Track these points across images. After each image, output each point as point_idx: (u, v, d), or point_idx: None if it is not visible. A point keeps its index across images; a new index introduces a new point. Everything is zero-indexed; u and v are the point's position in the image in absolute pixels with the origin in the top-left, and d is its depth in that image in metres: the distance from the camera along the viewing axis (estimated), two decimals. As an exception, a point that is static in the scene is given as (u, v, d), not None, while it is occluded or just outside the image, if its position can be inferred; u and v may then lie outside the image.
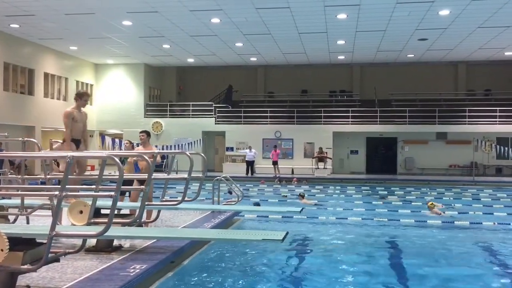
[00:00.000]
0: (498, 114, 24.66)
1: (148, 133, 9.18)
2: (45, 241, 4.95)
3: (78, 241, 5.94)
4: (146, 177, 8.26)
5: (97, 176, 5.98)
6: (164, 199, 8.30)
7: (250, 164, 24.19)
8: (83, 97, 8.33)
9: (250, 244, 8.36)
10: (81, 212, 6.11)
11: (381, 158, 27.09)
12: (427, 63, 26.86)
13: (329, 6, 15.93)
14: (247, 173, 23.87)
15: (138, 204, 7.21)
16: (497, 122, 24.61)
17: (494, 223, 11.07)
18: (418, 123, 25.01)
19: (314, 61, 26.53)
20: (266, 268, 7.33)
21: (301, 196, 15.00)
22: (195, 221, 9.40)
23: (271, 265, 7.52)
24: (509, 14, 16.60)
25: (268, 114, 26.64)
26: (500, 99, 26.72)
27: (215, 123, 26.77)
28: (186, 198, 7.83)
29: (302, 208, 8.51)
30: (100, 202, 6.84)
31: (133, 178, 8.42)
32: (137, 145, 10.70)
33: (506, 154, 23.41)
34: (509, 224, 11.04)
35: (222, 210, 9.96)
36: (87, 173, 23.00)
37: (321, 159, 24.76)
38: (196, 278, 6.54)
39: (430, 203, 12.92)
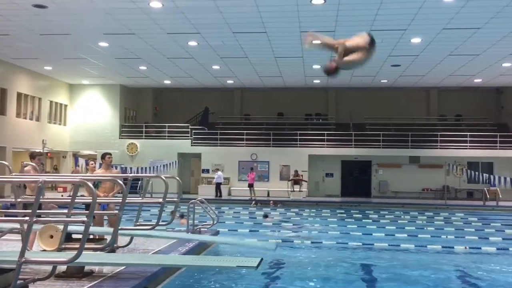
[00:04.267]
0: (468, 139, 25.30)
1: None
2: (14, 267, 4.82)
3: (48, 267, 5.79)
4: (107, 200, 8.23)
5: (69, 200, 5.88)
6: (138, 223, 8.20)
7: (218, 186, 24.11)
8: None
9: (225, 269, 8.28)
10: (51, 236, 6.00)
11: (356, 181, 27.34)
12: (400, 88, 27.47)
13: (305, 32, 16.20)
14: (216, 195, 23.70)
15: (110, 229, 7.09)
16: (468, 147, 25.21)
17: (465, 247, 11.26)
18: (391, 147, 25.42)
19: (290, 85, 26.85)
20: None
21: (265, 216, 15.73)
22: (170, 245, 9.26)
23: (245, 290, 7.46)
24: (477, 43, 17.18)
25: (244, 137, 26.72)
26: (470, 124, 27.48)
27: (191, 145, 26.68)
28: (160, 222, 7.76)
29: (277, 246, 8.50)
30: (71, 227, 6.71)
31: (104, 202, 8.28)
32: (99, 166, 10.66)
33: (476, 178, 23.93)
34: (480, 248, 11.23)
35: (195, 240, 9.80)
36: (58, 195, 22.52)
37: (297, 181, 24.86)
38: (169, 305, 6.43)
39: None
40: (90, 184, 4.61)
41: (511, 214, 20.08)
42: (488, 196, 22.73)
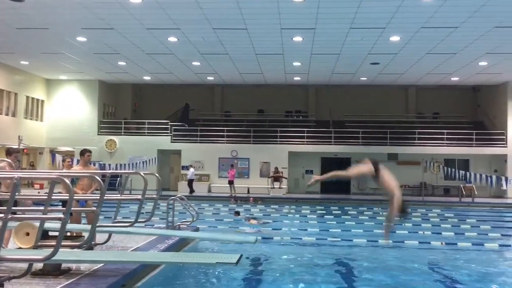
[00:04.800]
0: (445, 136, 25.73)
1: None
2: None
3: (24, 265, 5.70)
4: (84, 197, 8.11)
5: (45, 196, 5.79)
6: (116, 220, 8.12)
7: (190, 183, 23.98)
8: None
9: (205, 266, 8.26)
10: (27, 234, 5.89)
11: (336, 178, 27.43)
12: (379, 86, 27.73)
13: (285, 29, 16.24)
14: (190, 192, 23.43)
15: (88, 226, 7.00)
16: (445, 144, 25.64)
17: (442, 243, 11.45)
18: (370, 144, 25.68)
19: (270, 82, 26.87)
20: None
21: (237, 213, 15.91)
22: (148, 242, 9.20)
23: (225, 287, 7.46)
24: (454, 42, 17.45)
25: (225, 133, 26.69)
26: (448, 122, 27.93)
27: (171, 142, 26.52)
28: (139, 219, 7.70)
29: (257, 239, 8.53)
30: (48, 224, 6.61)
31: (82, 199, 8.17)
32: (77, 162, 10.48)
33: (453, 175, 24.34)
34: (456, 243, 11.44)
35: (175, 235, 9.75)
36: (34, 192, 22.16)
37: (277, 178, 24.94)
38: (148, 302, 6.39)
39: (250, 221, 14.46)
40: (67, 181, 4.54)
41: (486, 210, 20.51)
42: (464, 193, 23.15)
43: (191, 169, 24.43)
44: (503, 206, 21.98)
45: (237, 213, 16.38)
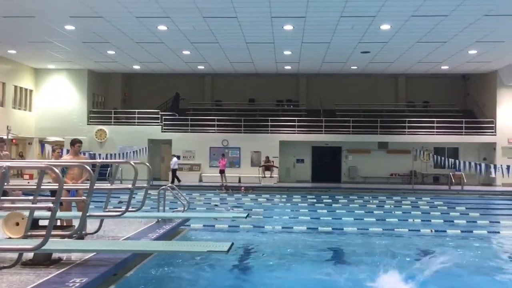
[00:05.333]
0: (435, 125, 25.88)
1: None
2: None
3: (14, 255, 5.66)
4: (74, 186, 8.08)
5: (35, 186, 5.74)
6: (106, 209, 8.09)
7: (174, 172, 23.90)
8: None
9: (196, 255, 8.28)
10: (17, 224, 5.86)
11: (326, 167, 27.61)
12: (369, 75, 27.77)
13: (276, 18, 16.16)
14: (172, 181, 22.76)
15: (78, 213, 6.96)
16: (435, 133, 25.81)
17: (431, 230, 11.57)
18: (361, 133, 25.77)
19: (261, 71, 26.79)
20: (212, 279, 7.28)
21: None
22: (139, 231, 9.19)
23: (216, 275, 7.49)
24: (444, 31, 17.48)
25: (216, 123, 26.63)
26: (437, 111, 28.07)
27: (162, 131, 26.42)
28: (130, 208, 7.68)
29: (248, 214, 8.56)
30: (38, 213, 6.57)
31: (72, 189, 8.13)
32: (67, 152, 10.42)
33: (442, 163, 24.55)
34: (445, 231, 11.56)
35: (168, 217, 9.79)
36: (24, 182, 22.00)
37: (268, 167, 24.99)
38: (140, 291, 6.40)
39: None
40: (57, 170, 4.50)
41: (475, 198, 20.73)
42: (453, 181, 23.37)
43: (174, 159, 24.24)
44: (492, 194, 22.25)
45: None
